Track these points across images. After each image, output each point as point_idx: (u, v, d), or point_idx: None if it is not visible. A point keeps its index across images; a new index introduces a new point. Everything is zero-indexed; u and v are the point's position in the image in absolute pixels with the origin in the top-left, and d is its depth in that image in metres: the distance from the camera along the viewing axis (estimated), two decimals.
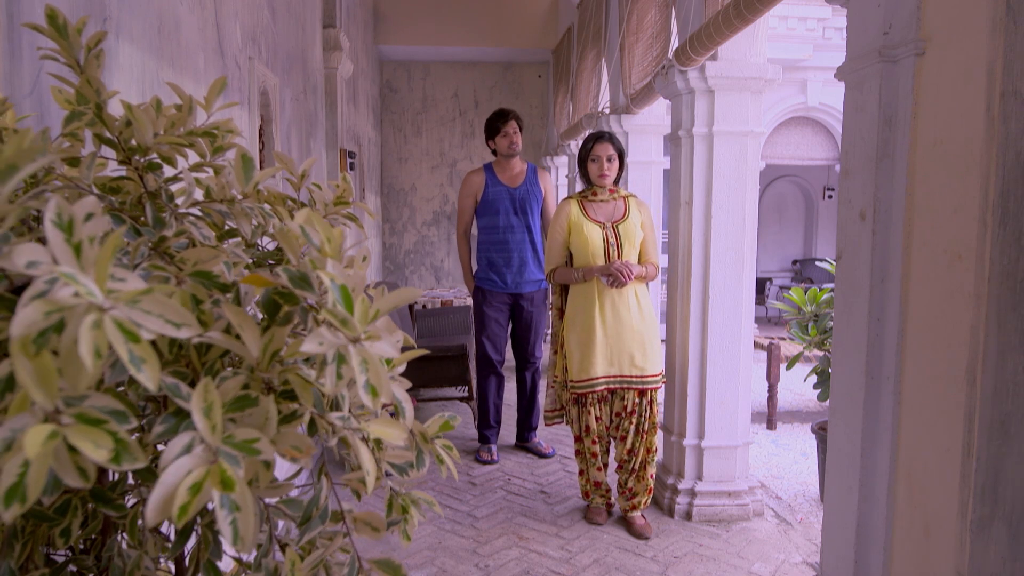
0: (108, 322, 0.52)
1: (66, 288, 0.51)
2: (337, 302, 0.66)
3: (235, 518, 0.59)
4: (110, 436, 0.53)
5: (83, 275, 0.52)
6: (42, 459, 0.51)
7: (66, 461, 0.54)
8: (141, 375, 0.53)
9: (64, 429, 0.52)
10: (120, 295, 0.54)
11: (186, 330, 0.57)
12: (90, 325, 0.51)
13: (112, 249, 0.54)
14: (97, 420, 0.54)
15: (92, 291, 0.52)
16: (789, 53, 7.31)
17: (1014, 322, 1.38)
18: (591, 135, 3.22)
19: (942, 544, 1.51)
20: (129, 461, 0.54)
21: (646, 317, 3.11)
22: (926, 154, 1.57)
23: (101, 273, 0.53)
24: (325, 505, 0.82)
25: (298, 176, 1.08)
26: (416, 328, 5.60)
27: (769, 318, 10.81)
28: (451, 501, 3.47)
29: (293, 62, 3.59)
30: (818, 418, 4.86)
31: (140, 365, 0.53)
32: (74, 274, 0.52)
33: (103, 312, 0.52)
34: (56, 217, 0.54)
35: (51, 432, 0.51)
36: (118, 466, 0.53)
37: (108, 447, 0.53)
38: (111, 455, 0.53)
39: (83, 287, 0.51)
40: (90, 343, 0.50)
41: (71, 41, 0.85)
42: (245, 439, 0.62)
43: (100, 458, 0.52)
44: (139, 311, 0.54)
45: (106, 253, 0.53)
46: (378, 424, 0.77)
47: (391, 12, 7.35)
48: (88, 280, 0.52)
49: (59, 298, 0.51)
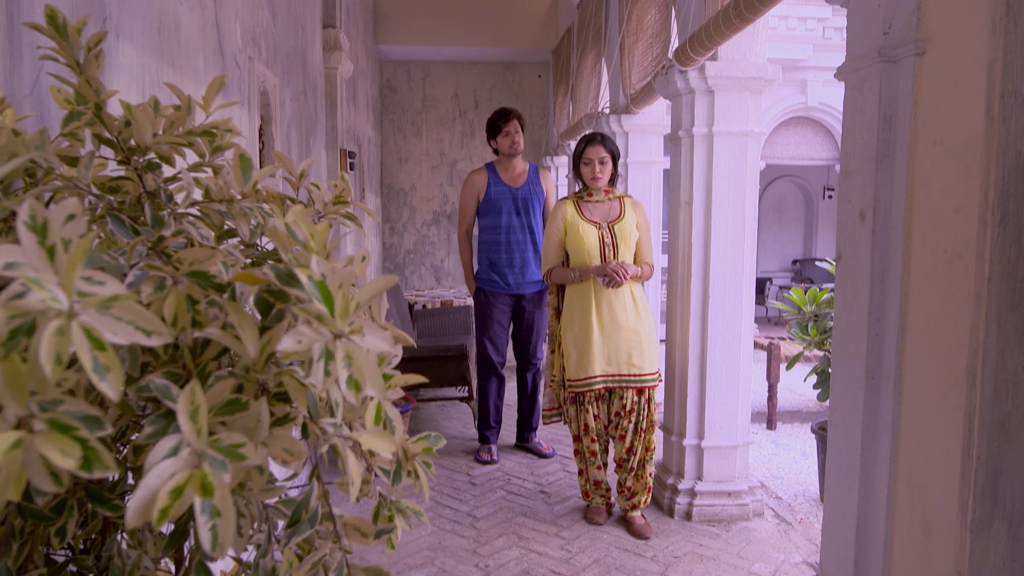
0: (75, 328, 0.50)
1: (35, 292, 0.50)
2: (315, 298, 0.65)
3: (215, 524, 0.58)
4: (79, 444, 0.52)
5: (51, 279, 0.51)
6: (10, 466, 0.50)
7: (39, 466, 0.53)
8: (103, 384, 0.51)
9: (32, 436, 0.51)
10: (90, 300, 0.52)
11: (156, 338, 0.56)
12: (53, 331, 0.49)
13: (82, 253, 0.52)
14: (68, 427, 0.52)
15: (56, 296, 0.50)
16: (789, 53, 7.31)
17: (1014, 322, 1.38)
18: (583, 137, 3.22)
19: (942, 544, 1.51)
20: (100, 469, 0.52)
21: (642, 316, 3.11)
22: (926, 154, 1.57)
23: (69, 277, 0.51)
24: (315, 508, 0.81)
25: (297, 176, 1.08)
26: (416, 328, 5.60)
27: (769, 318, 10.80)
28: (451, 501, 3.47)
29: (293, 62, 3.58)
30: (818, 418, 4.86)
31: (103, 374, 0.52)
32: (39, 278, 0.50)
33: (71, 318, 0.50)
34: (29, 219, 0.52)
35: (16, 440, 0.50)
36: (89, 474, 0.52)
37: (76, 455, 0.52)
38: (79, 463, 0.52)
39: (48, 292, 0.50)
40: (50, 349, 0.49)
41: (71, 41, 0.85)
42: (232, 443, 0.62)
43: (67, 466, 0.51)
44: (110, 317, 0.53)
45: (75, 257, 0.52)
46: (369, 435, 0.76)
47: (391, 12, 7.34)
48: (54, 285, 0.51)
49: (25, 303, 0.49)
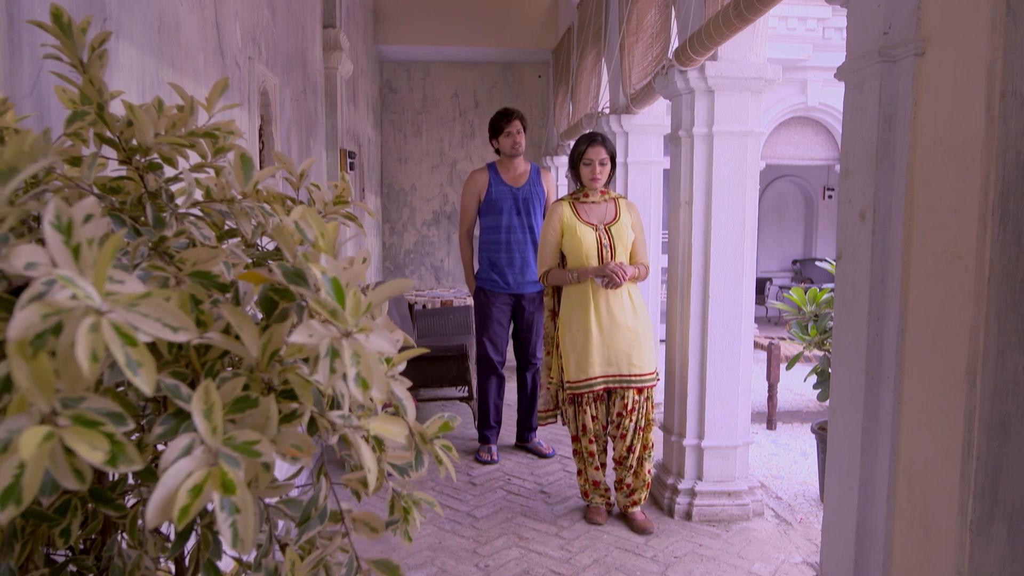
0: (106, 325, 0.51)
1: (64, 290, 0.50)
2: (329, 295, 0.65)
3: (235, 520, 0.59)
4: (106, 438, 0.53)
5: (81, 278, 0.52)
6: (38, 461, 0.51)
7: (62, 463, 0.54)
8: (137, 379, 0.52)
9: (60, 431, 0.51)
10: (118, 298, 0.53)
11: (183, 333, 0.57)
12: (88, 328, 0.50)
13: (112, 252, 0.53)
14: (94, 422, 0.53)
15: (90, 294, 0.51)
16: (789, 53, 7.31)
17: (1014, 322, 1.38)
18: (583, 137, 3.22)
19: (942, 544, 1.51)
20: (126, 463, 0.53)
21: (640, 316, 3.12)
22: (926, 154, 1.57)
23: (100, 276, 0.52)
24: (324, 505, 0.82)
25: (297, 176, 1.08)
26: (416, 328, 5.60)
27: (769, 318, 10.80)
28: (451, 501, 3.47)
29: (293, 62, 3.58)
30: (818, 418, 4.86)
31: (136, 369, 0.53)
32: (72, 277, 0.51)
33: (101, 315, 0.51)
34: (55, 219, 0.53)
35: (47, 434, 0.50)
36: (114, 468, 0.53)
37: (104, 449, 0.52)
38: (107, 457, 0.53)
39: (81, 290, 0.51)
40: (87, 346, 0.50)
41: (75, 40, 0.85)
42: (245, 441, 0.62)
43: (96, 460, 0.52)
44: (137, 314, 0.54)
45: (105, 256, 0.53)
46: (379, 421, 0.77)
47: (391, 12, 7.34)
48: (86, 283, 0.52)
49: (57, 301, 0.50)
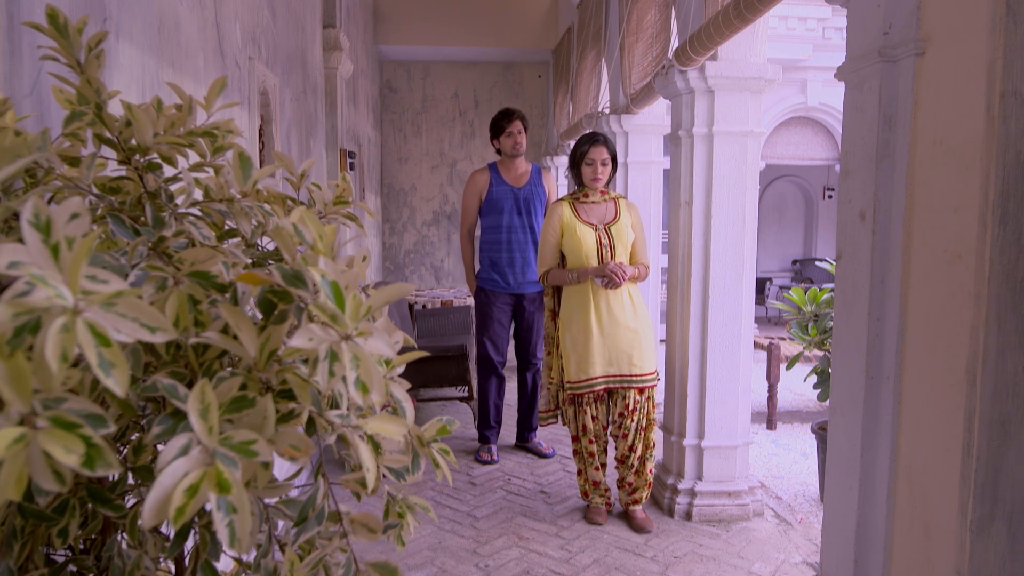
0: (80, 325, 0.51)
1: (40, 290, 0.50)
2: (328, 298, 0.65)
3: (231, 520, 0.58)
4: (82, 441, 0.52)
5: (56, 277, 0.51)
6: (12, 461, 0.50)
7: (41, 464, 0.53)
8: (110, 380, 0.52)
9: (35, 433, 0.51)
10: (94, 297, 0.52)
11: (161, 334, 0.56)
12: (59, 328, 0.50)
13: (86, 250, 0.52)
14: (72, 424, 0.52)
15: (62, 293, 0.51)
16: (789, 53, 7.31)
17: (1014, 322, 1.38)
18: (584, 136, 3.21)
19: (942, 544, 1.51)
20: (103, 467, 0.52)
21: (640, 316, 3.12)
22: (926, 154, 1.57)
23: (74, 275, 0.52)
24: (322, 506, 0.82)
25: (297, 176, 1.08)
26: (416, 328, 5.60)
27: (769, 318, 10.80)
28: (451, 501, 3.47)
29: (293, 62, 3.58)
30: (818, 418, 4.86)
31: (109, 370, 0.52)
32: (44, 276, 0.51)
33: (76, 315, 0.51)
34: (33, 218, 0.53)
35: (18, 436, 0.50)
36: (91, 472, 0.52)
37: (79, 452, 0.52)
38: (82, 460, 0.52)
39: (53, 289, 0.50)
40: (56, 346, 0.49)
41: (71, 41, 0.84)
42: (242, 440, 0.62)
43: (71, 463, 0.51)
44: (114, 314, 0.53)
45: (79, 254, 0.52)
46: (377, 421, 0.77)
47: (391, 12, 7.34)
48: (59, 282, 0.51)
49: (30, 300, 0.50)
